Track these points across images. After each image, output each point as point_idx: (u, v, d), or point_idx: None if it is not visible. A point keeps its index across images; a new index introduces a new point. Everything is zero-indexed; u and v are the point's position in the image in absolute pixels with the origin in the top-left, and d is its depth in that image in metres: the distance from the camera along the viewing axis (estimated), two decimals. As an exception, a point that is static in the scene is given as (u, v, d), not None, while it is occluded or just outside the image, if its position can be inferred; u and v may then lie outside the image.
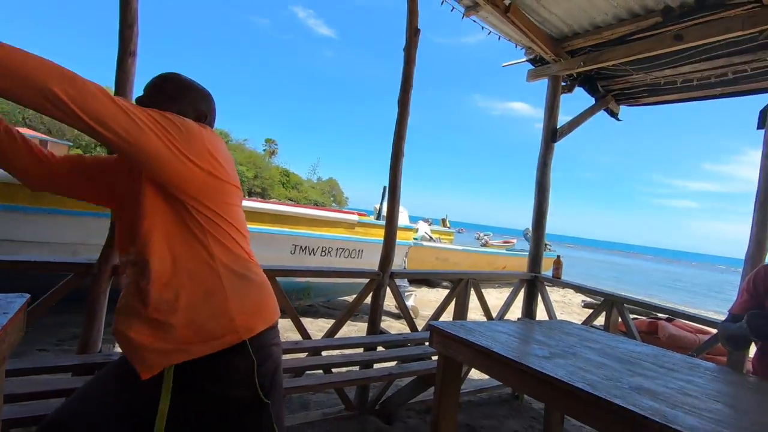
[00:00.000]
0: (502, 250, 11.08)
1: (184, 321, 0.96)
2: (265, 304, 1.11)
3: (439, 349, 1.65)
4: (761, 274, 1.71)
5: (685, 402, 1.09)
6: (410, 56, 2.54)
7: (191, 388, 1.02)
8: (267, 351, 1.08)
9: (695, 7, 2.58)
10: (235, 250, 1.04)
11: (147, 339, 0.96)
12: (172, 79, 1.13)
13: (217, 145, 1.03)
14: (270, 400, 1.06)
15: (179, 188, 0.95)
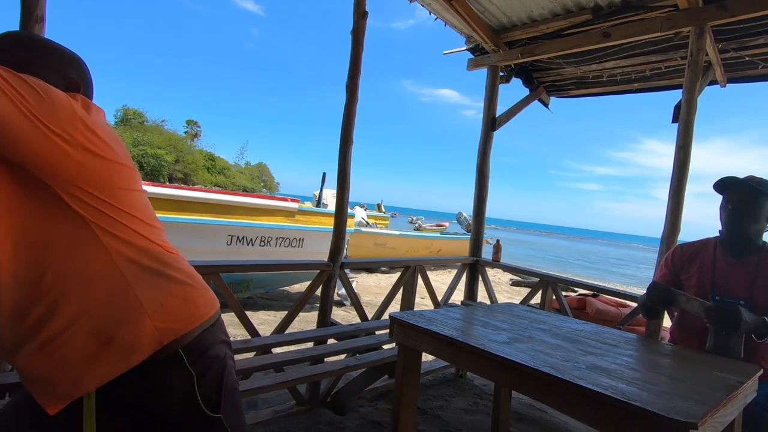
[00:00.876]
0: (437, 234, 11.46)
1: (86, 333, 0.79)
2: (194, 301, 0.93)
3: (399, 339, 1.65)
4: (679, 252, 1.92)
5: (635, 377, 1.19)
6: (358, 40, 2.46)
7: (124, 409, 0.86)
8: (207, 357, 0.92)
9: (621, 7, 2.78)
10: (139, 243, 0.86)
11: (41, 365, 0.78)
12: (22, 39, 0.89)
13: (96, 119, 0.83)
14: (221, 413, 0.92)
15: (47, 171, 0.74)
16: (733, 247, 1.73)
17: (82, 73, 0.94)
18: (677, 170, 2.50)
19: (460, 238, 11.43)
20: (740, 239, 1.70)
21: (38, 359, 0.79)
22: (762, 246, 1.70)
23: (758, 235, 1.70)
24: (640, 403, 0.98)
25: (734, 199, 1.69)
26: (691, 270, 1.81)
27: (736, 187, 1.70)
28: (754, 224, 1.66)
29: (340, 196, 2.51)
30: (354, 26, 2.46)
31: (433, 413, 2.65)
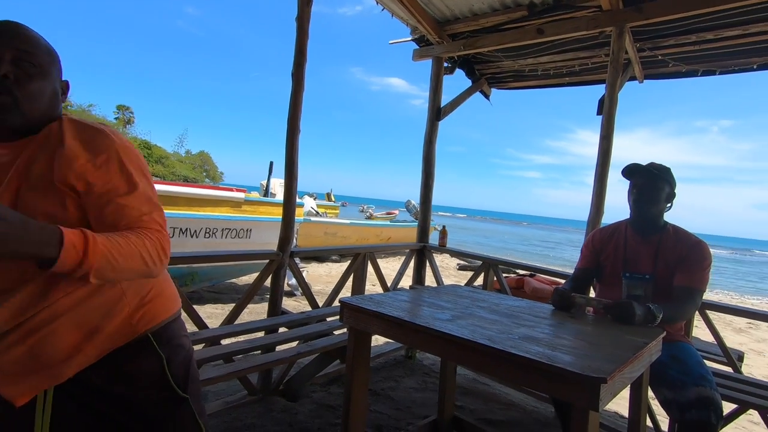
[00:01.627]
0: (386, 222, 11.62)
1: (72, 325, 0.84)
2: (166, 295, 1.00)
3: (349, 323, 1.71)
4: (597, 236, 2.12)
5: (560, 343, 1.34)
6: (303, 28, 2.44)
7: (91, 396, 0.89)
8: (174, 344, 0.98)
9: (553, 5, 2.96)
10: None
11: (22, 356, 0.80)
12: (42, 41, 0.89)
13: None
14: (188, 395, 0.97)
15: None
16: (639, 227, 1.95)
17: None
18: (601, 158, 2.74)
19: (409, 226, 11.68)
20: (645, 220, 1.92)
21: (20, 350, 0.80)
22: (663, 225, 1.93)
23: (660, 215, 1.92)
24: (562, 365, 1.11)
25: (638, 184, 1.90)
26: (607, 250, 2.02)
27: (638, 173, 1.91)
28: (655, 206, 1.88)
29: (288, 185, 2.50)
30: (299, 14, 2.44)
31: (385, 394, 2.76)
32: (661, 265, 1.87)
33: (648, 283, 1.86)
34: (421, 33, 3.62)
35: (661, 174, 1.88)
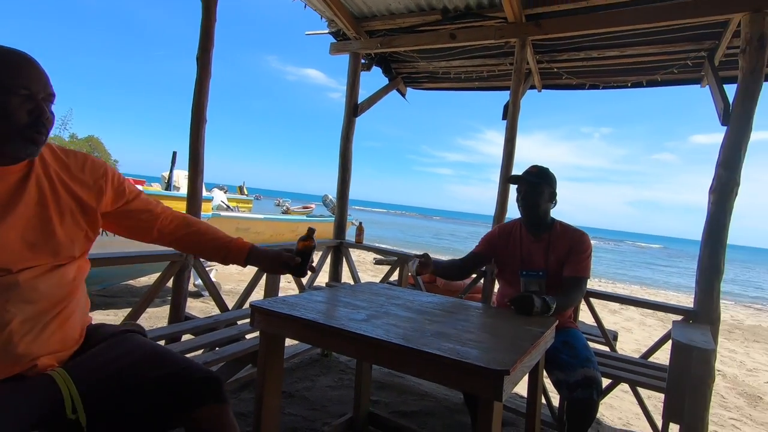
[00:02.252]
0: (303, 217, 11.35)
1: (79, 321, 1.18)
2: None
3: (262, 327, 1.62)
4: (497, 232, 2.28)
5: (468, 338, 1.40)
6: (209, 9, 2.26)
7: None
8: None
9: (464, 12, 3.11)
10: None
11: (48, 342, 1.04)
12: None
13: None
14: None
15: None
16: (530, 227, 2.13)
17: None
18: (505, 160, 2.95)
19: (326, 221, 11.55)
20: (533, 222, 2.11)
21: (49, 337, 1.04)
22: (551, 223, 2.13)
23: (546, 214, 2.11)
24: (470, 360, 1.17)
25: (521, 191, 2.08)
26: (507, 248, 2.18)
27: (520, 181, 2.10)
28: (540, 208, 2.06)
29: (193, 179, 2.31)
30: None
31: (300, 395, 2.70)
32: (552, 261, 2.06)
33: (542, 278, 2.04)
34: (338, 27, 3.57)
35: (540, 179, 2.06)
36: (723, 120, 2.39)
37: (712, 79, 2.80)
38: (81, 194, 1.11)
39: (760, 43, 2.25)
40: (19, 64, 0.95)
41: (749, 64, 2.28)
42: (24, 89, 0.94)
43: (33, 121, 0.96)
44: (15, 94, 0.93)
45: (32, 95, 0.96)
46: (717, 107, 2.52)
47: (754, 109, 2.28)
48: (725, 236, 2.33)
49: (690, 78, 3.19)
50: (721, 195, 2.32)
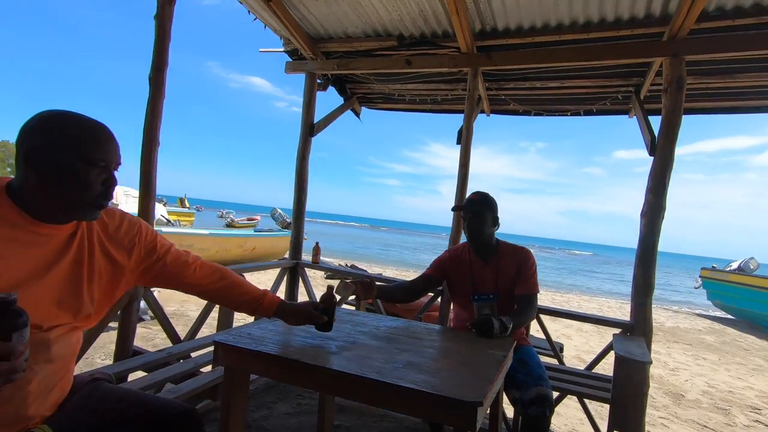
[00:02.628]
0: (250, 231, 10.96)
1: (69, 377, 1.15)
2: None
3: (226, 363, 1.56)
4: (449, 258, 2.32)
5: (438, 367, 1.45)
6: (164, 28, 2.18)
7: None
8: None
9: (420, 40, 3.23)
10: None
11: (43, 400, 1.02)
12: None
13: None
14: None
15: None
16: (477, 251, 2.22)
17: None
18: (460, 183, 3.08)
19: (275, 235, 11.27)
20: (479, 247, 2.20)
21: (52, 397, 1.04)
22: (496, 244, 2.22)
23: (491, 237, 2.20)
24: (444, 392, 1.21)
25: (467, 218, 2.17)
26: (458, 273, 2.24)
27: (464, 210, 2.19)
28: (484, 234, 2.15)
29: (146, 204, 2.19)
30: (158, 11, 2.16)
31: (257, 424, 2.60)
32: (501, 283, 2.16)
33: (493, 301, 2.12)
34: (294, 46, 3.55)
35: (482, 206, 2.15)
36: (650, 151, 2.67)
37: (638, 111, 3.12)
38: (115, 254, 1.15)
39: (678, 85, 2.56)
40: (100, 139, 1.01)
41: (671, 102, 2.57)
42: (102, 161, 1.00)
43: (104, 191, 1.02)
44: (94, 166, 0.99)
45: (107, 166, 1.02)
46: (645, 139, 2.81)
47: (675, 141, 2.58)
48: (655, 256, 2.60)
49: (620, 109, 3.53)
50: (651, 219, 2.58)
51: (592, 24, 2.75)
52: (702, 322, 10.25)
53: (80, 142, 0.98)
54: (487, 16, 2.86)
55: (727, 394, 4.81)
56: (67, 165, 0.96)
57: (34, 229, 0.98)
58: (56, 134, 0.97)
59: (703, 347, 7.37)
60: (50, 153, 0.96)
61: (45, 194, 0.97)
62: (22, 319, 0.76)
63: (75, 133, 0.98)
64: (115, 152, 1.05)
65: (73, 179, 0.97)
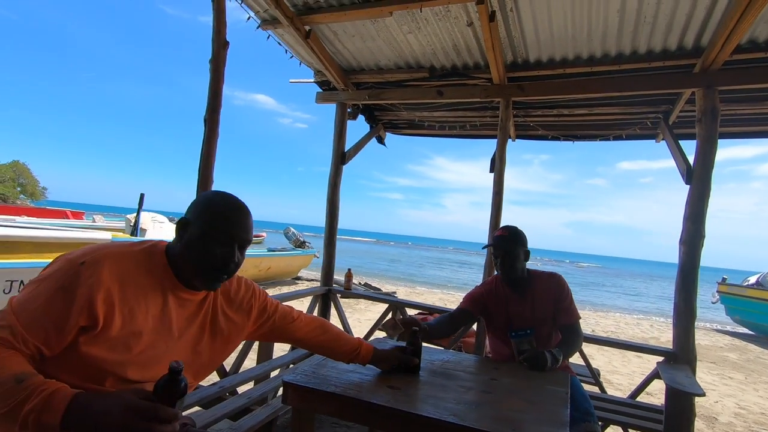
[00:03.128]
0: (264, 251, 11.01)
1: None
2: None
3: (296, 405, 1.59)
4: (482, 292, 2.27)
5: (508, 408, 1.46)
6: (218, 71, 2.27)
7: None
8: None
9: (451, 71, 3.31)
10: None
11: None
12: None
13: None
14: None
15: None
16: (512, 287, 2.20)
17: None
18: (494, 212, 3.12)
19: (289, 254, 11.30)
20: (514, 282, 2.18)
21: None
22: (528, 275, 2.20)
23: (524, 271, 2.18)
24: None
25: (498, 256, 2.15)
26: (494, 309, 2.22)
27: (495, 248, 2.17)
28: (518, 270, 2.14)
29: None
30: (213, 55, 2.25)
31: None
32: (538, 315, 2.14)
33: (531, 336, 2.12)
34: (325, 77, 3.65)
35: (513, 244, 2.14)
36: (687, 180, 2.70)
37: (669, 137, 3.16)
38: (235, 317, 1.24)
39: (713, 115, 2.61)
40: (229, 217, 1.08)
41: (706, 131, 2.62)
42: (230, 238, 1.07)
43: (222, 264, 1.07)
44: (216, 240, 1.05)
45: (230, 242, 1.08)
46: (679, 167, 2.85)
47: (711, 170, 2.61)
48: (696, 282, 2.61)
49: (648, 134, 3.58)
50: (690, 246, 2.60)
51: (624, 56, 2.82)
52: (723, 338, 10.11)
53: (212, 217, 1.07)
54: (520, 49, 2.95)
55: (759, 416, 4.73)
56: (196, 237, 1.05)
57: (178, 293, 1.08)
58: (200, 209, 1.09)
59: (727, 365, 7.26)
60: (191, 224, 1.08)
61: (182, 261, 1.06)
62: (183, 384, 0.81)
63: (211, 209, 1.08)
64: (241, 230, 1.10)
65: (196, 250, 1.05)
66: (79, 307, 0.87)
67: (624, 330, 9.96)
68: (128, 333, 0.94)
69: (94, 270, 0.91)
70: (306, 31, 3.00)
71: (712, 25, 2.43)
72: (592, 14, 2.50)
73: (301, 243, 12.82)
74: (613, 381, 5.39)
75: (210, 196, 1.12)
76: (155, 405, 0.77)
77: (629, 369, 6.15)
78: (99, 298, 0.89)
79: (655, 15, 2.43)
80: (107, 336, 0.91)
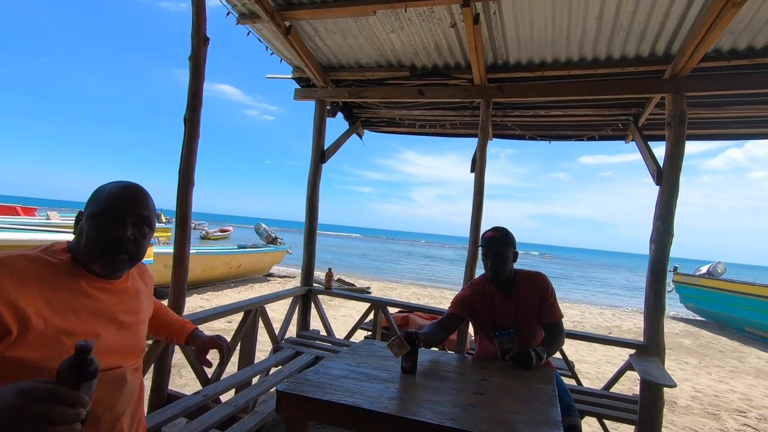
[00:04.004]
0: (234, 248, 10.73)
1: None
2: None
3: (289, 413, 1.57)
4: (469, 294, 2.30)
5: (502, 409, 1.50)
6: (198, 69, 2.18)
7: None
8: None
9: (431, 72, 3.32)
10: None
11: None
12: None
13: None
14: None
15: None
16: (499, 286, 2.25)
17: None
18: (475, 210, 3.18)
19: (260, 251, 11.08)
20: (502, 282, 2.23)
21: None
22: (515, 275, 2.26)
23: (512, 272, 2.24)
24: (528, 441, 1.27)
25: (488, 256, 2.19)
26: (482, 310, 2.26)
27: (486, 249, 2.21)
28: (506, 271, 2.20)
29: (181, 242, 2.16)
30: (193, 53, 2.16)
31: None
32: (522, 314, 2.20)
33: (513, 335, 2.17)
34: (305, 74, 3.58)
35: (503, 245, 2.19)
36: (657, 181, 2.84)
37: (638, 138, 3.31)
38: (148, 299, 1.28)
39: (681, 119, 2.75)
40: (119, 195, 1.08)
41: (674, 134, 2.76)
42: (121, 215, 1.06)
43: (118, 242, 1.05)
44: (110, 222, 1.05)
45: (124, 218, 1.06)
46: (649, 169, 2.99)
47: (680, 171, 2.76)
48: (665, 279, 2.75)
49: (618, 135, 3.73)
50: (660, 244, 2.74)
51: (599, 61, 2.92)
52: (677, 325, 10.75)
53: (99, 201, 1.07)
54: (500, 51, 2.99)
55: (713, 398, 5.08)
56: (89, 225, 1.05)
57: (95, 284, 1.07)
58: (90, 199, 1.10)
59: (683, 351, 7.73)
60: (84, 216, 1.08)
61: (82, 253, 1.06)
62: (93, 367, 0.75)
63: (98, 194, 1.10)
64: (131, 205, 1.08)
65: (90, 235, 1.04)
66: None
67: (589, 320, 10.41)
68: (56, 330, 0.93)
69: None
70: (286, 27, 2.93)
71: (682, 34, 2.55)
72: (572, 20, 2.57)
73: (272, 239, 12.59)
74: (582, 370, 5.63)
75: (99, 187, 1.12)
76: (55, 387, 0.71)
77: (595, 358, 6.44)
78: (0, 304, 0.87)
79: (630, 23, 2.52)
80: (31, 338, 0.89)
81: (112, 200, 1.06)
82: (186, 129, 2.14)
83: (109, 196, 1.07)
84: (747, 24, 2.41)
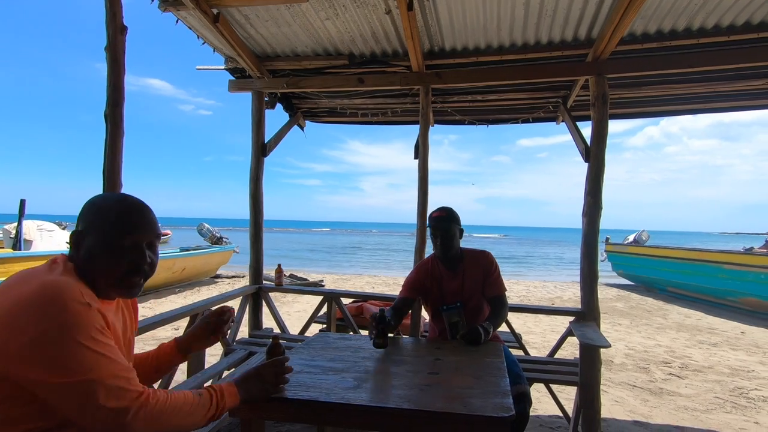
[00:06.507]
0: (176, 251, 10.15)
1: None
2: None
3: (245, 416, 1.53)
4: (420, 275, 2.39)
5: (457, 385, 1.56)
6: (117, 60, 2.00)
7: None
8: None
9: (370, 59, 3.31)
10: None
11: None
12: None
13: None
14: None
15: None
16: (447, 263, 2.34)
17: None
18: (421, 197, 3.23)
19: (205, 253, 10.60)
20: (450, 259, 2.33)
21: None
22: (461, 253, 2.36)
23: (458, 248, 2.33)
24: (480, 412, 1.32)
25: (438, 236, 2.27)
26: (430, 289, 2.35)
27: (434, 228, 2.28)
28: (454, 246, 2.29)
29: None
30: (109, 43, 1.98)
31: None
32: (468, 289, 2.31)
33: (461, 309, 2.27)
34: (238, 65, 3.43)
35: (450, 223, 2.28)
36: (585, 158, 3.04)
37: (567, 119, 3.52)
38: (134, 322, 1.28)
39: (603, 100, 2.95)
40: (131, 219, 1.05)
41: (598, 114, 2.96)
42: (135, 240, 1.04)
43: (136, 268, 1.05)
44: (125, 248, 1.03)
45: (139, 242, 1.05)
46: (578, 147, 3.19)
47: (605, 148, 2.97)
48: (597, 249, 2.97)
49: (550, 117, 3.93)
50: (591, 217, 2.95)
51: (529, 46, 3.05)
52: (611, 291, 11.70)
53: (109, 224, 1.03)
54: (436, 38, 3.03)
55: (643, 354, 5.60)
56: (98, 248, 1.01)
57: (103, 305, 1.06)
58: (94, 217, 1.04)
59: (616, 314, 8.43)
60: (87, 235, 1.03)
61: (92, 274, 1.02)
62: (282, 348, 1.47)
63: (106, 215, 1.04)
64: (145, 229, 1.06)
65: (103, 261, 1.01)
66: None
67: (534, 293, 11.03)
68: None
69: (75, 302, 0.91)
70: (214, 14, 2.77)
71: (601, 19, 2.72)
72: (501, 6, 2.65)
73: (217, 239, 12.08)
74: (530, 341, 5.97)
75: (99, 201, 1.07)
76: (277, 360, 1.39)
77: (541, 328, 6.85)
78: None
79: (554, 8, 2.65)
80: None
81: (126, 226, 1.03)
82: (108, 126, 1.97)
83: (121, 221, 1.03)
84: (656, 9, 2.61)
